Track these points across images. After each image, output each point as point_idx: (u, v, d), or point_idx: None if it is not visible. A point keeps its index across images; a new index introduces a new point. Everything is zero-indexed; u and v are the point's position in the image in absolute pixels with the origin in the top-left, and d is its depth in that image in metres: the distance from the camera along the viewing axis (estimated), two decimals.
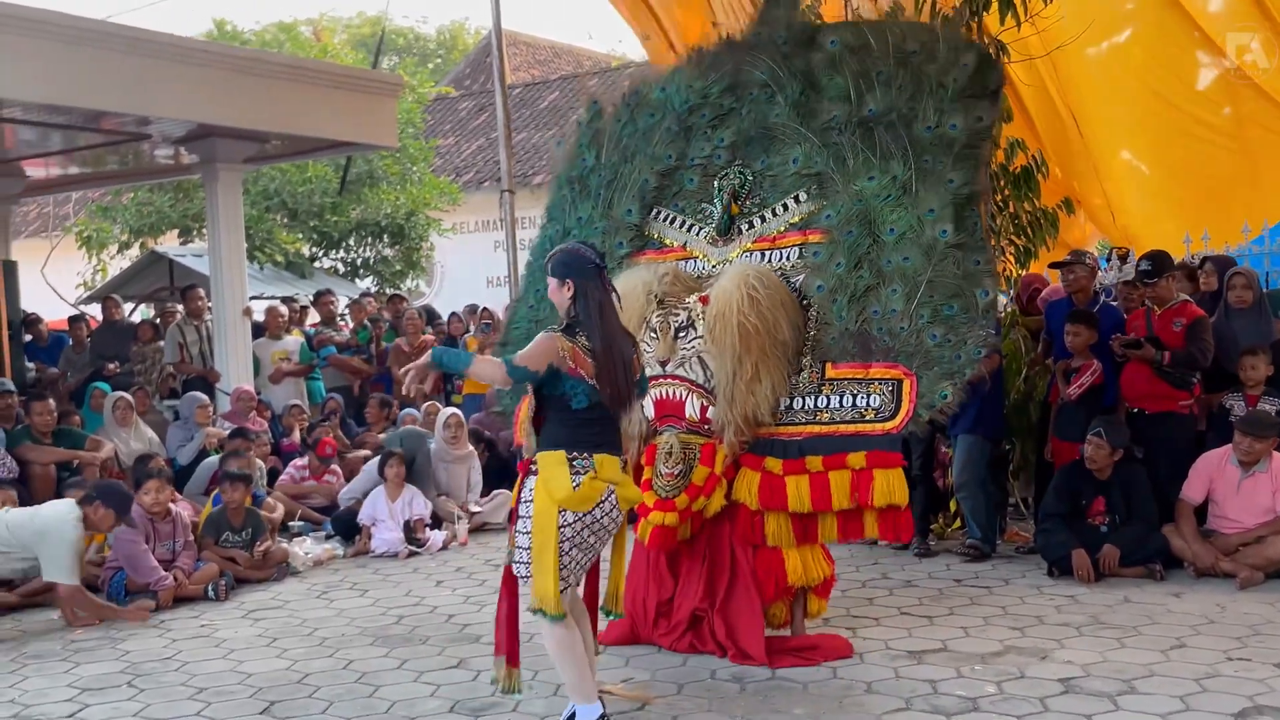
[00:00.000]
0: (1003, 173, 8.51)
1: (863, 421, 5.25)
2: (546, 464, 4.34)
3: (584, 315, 4.40)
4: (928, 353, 5.23)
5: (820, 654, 5.33)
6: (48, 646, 6.11)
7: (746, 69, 5.86)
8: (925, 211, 5.33)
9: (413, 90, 18.96)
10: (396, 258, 17.96)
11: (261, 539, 7.52)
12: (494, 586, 6.99)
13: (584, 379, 4.32)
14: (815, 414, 5.36)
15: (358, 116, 11.20)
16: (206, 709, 5.04)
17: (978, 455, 7.28)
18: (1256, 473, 6.65)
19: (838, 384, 5.35)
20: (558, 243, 6.00)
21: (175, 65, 9.65)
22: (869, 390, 5.28)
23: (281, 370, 11.00)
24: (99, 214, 17.13)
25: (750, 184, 5.81)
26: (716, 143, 5.91)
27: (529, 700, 4.93)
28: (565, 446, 4.34)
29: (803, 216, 5.65)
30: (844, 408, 5.32)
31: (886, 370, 5.28)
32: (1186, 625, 5.70)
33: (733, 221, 5.76)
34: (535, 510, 4.32)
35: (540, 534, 4.29)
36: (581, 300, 4.41)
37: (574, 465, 4.32)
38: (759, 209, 5.78)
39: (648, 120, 6.08)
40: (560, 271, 4.46)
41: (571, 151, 6.38)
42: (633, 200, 6.04)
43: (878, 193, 5.41)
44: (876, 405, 5.25)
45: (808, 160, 5.61)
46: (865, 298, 5.35)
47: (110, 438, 9.11)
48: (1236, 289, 7.45)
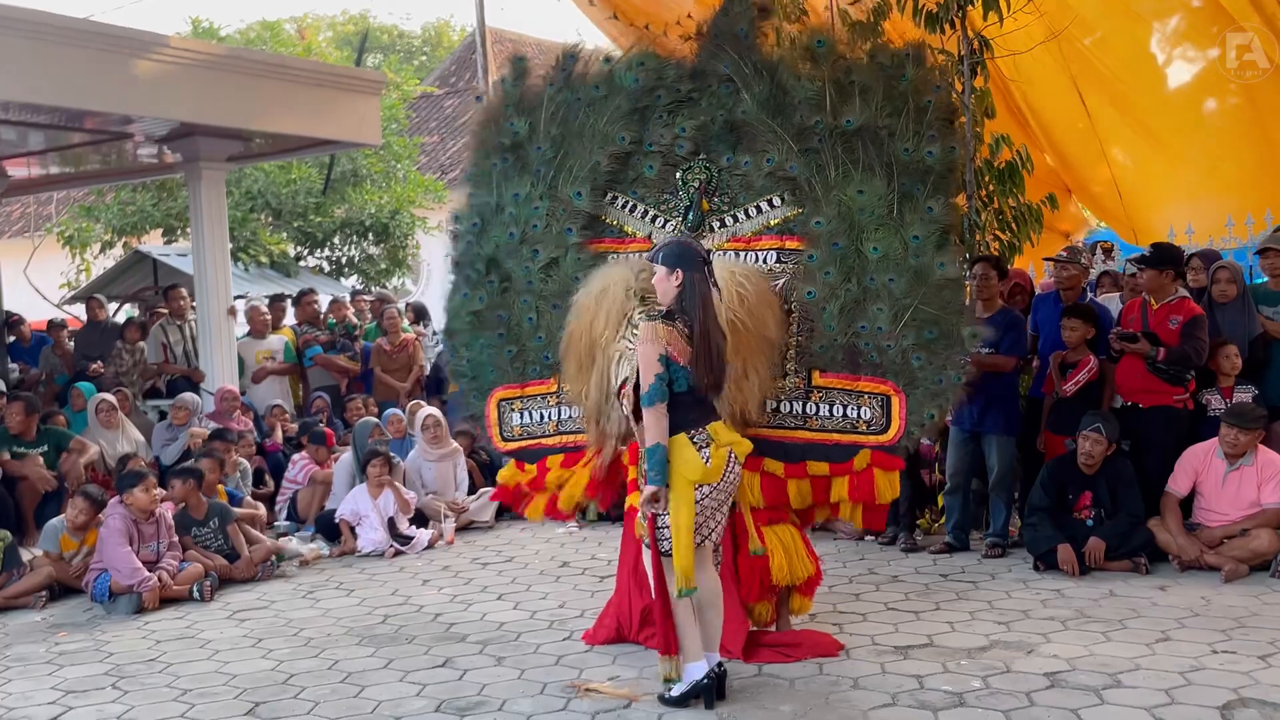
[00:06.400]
0: (987, 168, 8.55)
1: (855, 433, 5.36)
2: (674, 448, 4.57)
3: (689, 304, 4.67)
4: (912, 374, 5.33)
5: (803, 650, 5.33)
6: (31, 649, 6.07)
7: (708, 59, 5.66)
8: (911, 236, 5.33)
9: (397, 87, 18.90)
10: (382, 256, 17.91)
11: (230, 522, 7.50)
12: (481, 585, 7.06)
13: (680, 363, 4.58)
14: (805, 420, 5.42)
15: (341, 114, 11.15)
16: (191, 710, 5.02)
17: (1011, 455, 7.37)
18: (1242, 466, 6.68)
19: (827, 393, 5.42)
20: (489, 217, 5.93)
21: (157, 64, 9.59)
22: (859, 403, 5.38)
23: (265, 369, 10.97)
24: (82, 213, 17.02)
25: (716, 179, 5.70)
26: (678, 131, 5.70)
27: (515, 699, 4.92)
28: (682, 428, 4.59)
29: (779, 221, 5.61)
30: (834, 417, 5.39)
31: (876, 385, 5.36)
32: (1172, 618, 5.71)
33: (704, 218, 5.69)
34: (671, 494, 4.57)
35: (678, 516, 4.56)
36: (689, 290, 4.68)
37: (696, 442, 4.61)
38: (730, 208, 5.69)
39: (591, 93, 5.76)
40: (672, 262, 4.72)
41: (495, 114, 5.98)
42: (583, 183, 5.75)
43: (865, 208, 5.35)
44: (868, 418, 5.36)
45: (783, 163, 5.50)
46: (854, 311, 5.37)
47: (95, 439, 9.06)
48: (1220, 283, 7.47)
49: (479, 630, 6.06)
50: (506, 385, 5.96)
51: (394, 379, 11.00)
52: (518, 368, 5.92)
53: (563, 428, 5.84)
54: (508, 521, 9.04)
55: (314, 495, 8.97)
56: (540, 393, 5.87)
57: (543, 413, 5.89)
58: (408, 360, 11.16)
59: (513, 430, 5.99)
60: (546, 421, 5.89)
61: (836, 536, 7.73)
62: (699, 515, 4.63)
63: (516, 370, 5.93)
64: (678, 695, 4.69)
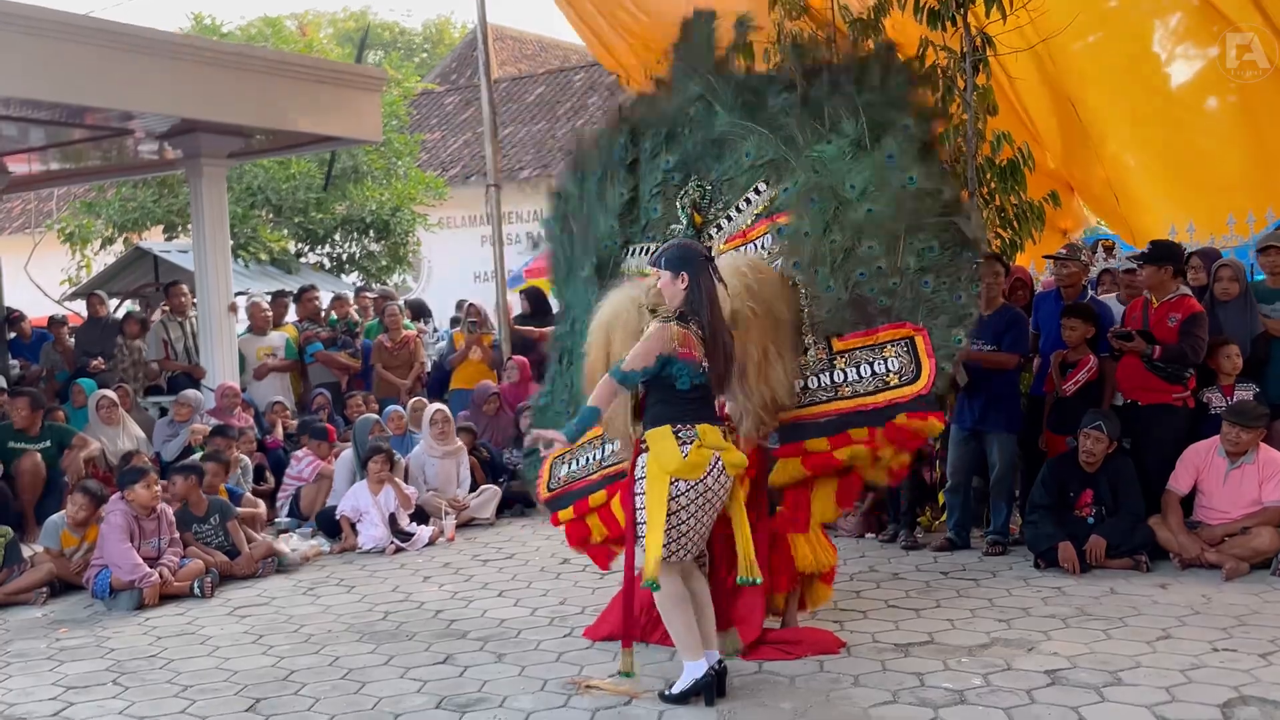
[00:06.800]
0: (989, 166, 8.54)
1: (889, 389, 5.27)
2: (654, 439, 4.66)
3: (697, 304, 4.71)
4: (928, 301, 5.28)
5: (804, 647, 5.32)
6: (32, 645, 6.07)
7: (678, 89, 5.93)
8: (885, 157, 5.36)
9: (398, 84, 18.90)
10: (382, 253, 17.92)
11: (231, 519, 7.50)
12: (482, 581, 7.06)
13: (693, 361, 4.63)
14: (836, 389, 5.37)
15: (342, 111, 11.16)
16: (192, 706, 5.02)
17: (1012, 453, 7.37)
18: (1244, 464, 6.67)
19: (849, 355, 5.37)
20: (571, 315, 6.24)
21: (158, 60, 9.59)
22: (883, 355, 5.32)
23: (267, 366, 10.97)
24: (83, 210, 17.04)
25: (709, 194, 5.82)
26: (664, 166, 5.93)
27: (516, 696, 4.92)
28: (669, 421, 4.65)
29: (766, 205, 5.67)
30: (864, 378, 5.34)
31: (895, 330, 5.31)
32: (1172, 616, 5.71)
33: (699, 232, 5.76)
34: (647, 484, 4.63)
35: (651, 506, 4.60)
36: (695, 290, 4.72)
37: (679, 436, 4.64)
38: (723, 212, 5.79)
39: (594, 180, 6.16)
40: (676, 265, 4.76)
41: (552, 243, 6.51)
42: (590, 257, 6.09)
43: (835, 156, 5.42)
44: (896, 369, 5.28)
45: (759, 151, 5.64)
46: (846, 263, 5.37)
47: (97, 436, 9.06)
48: (1223, 281, 7.46)
49: (480, 627, 6.06)
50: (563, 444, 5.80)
51: (395, 376, 11.00)
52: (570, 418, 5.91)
53: (605, 463, 5.81)
54: (508, 518, 9.05)
55: (318, 492, 8.97)
56: (588, 439, 5.79)
57: (587, 456, 5.90)
58: (409, 357, 11.17)
59: (559, 480, 5.99)
60: (590, 464, 5.89)
61: (837, 534, 7.73)
62: (675, 517, 4.61)
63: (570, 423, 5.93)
64: (678, 692, 4.69)
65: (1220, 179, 10.43)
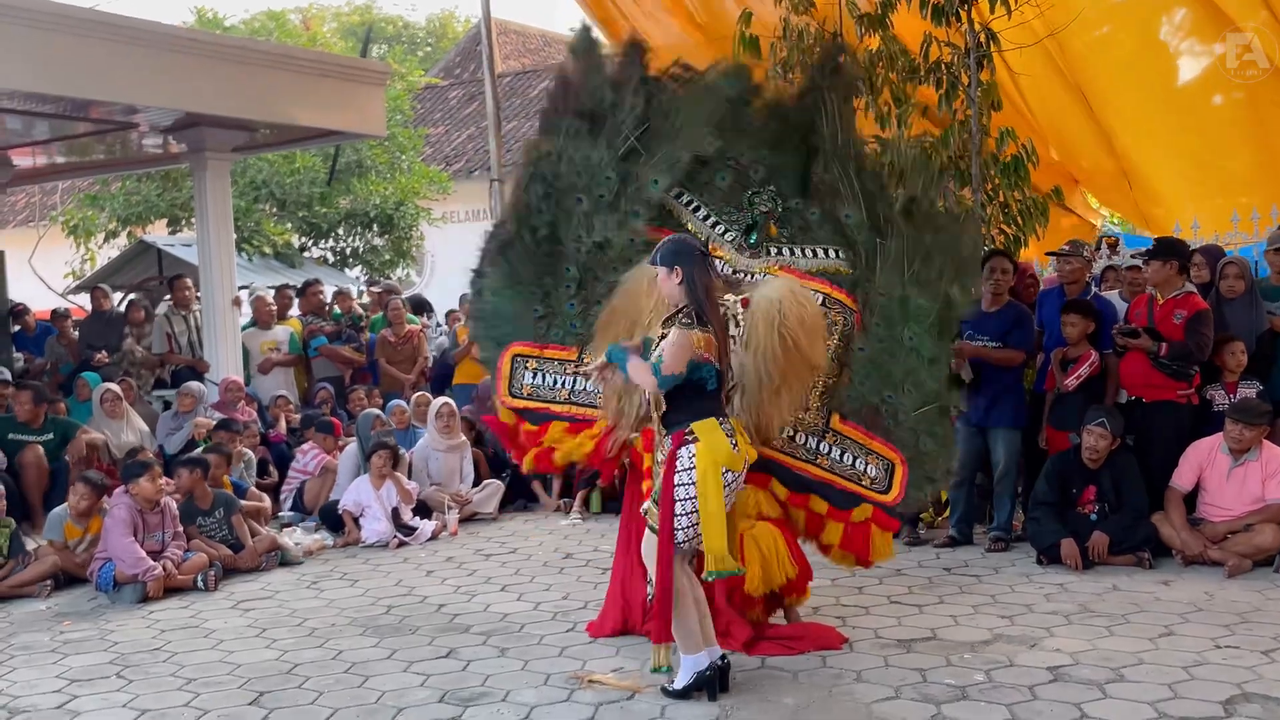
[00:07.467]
0: (993, 161, 8.53)
1: (860, 486, 5.55)
2: (705, 431, 4.62)
3: (693, 300, 4.66)
4: (919, 451, 5.53)
5: (806, 643, 5.33)
6: (36, 638, 6.09)
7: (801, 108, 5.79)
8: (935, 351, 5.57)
9: (402, 78, 18.89)
10: (386, 247, 17.92)
11: (235, 512, 7.51)
12: (485, 576, 7.06)
13: (711, 362, 4.63)
14: (816, 456, 5.57)
15: (345, 105, 11.14)
16: (196, 699, 5.03)
17: (1017, 449, 7.39)
18: (1247, 461, 6.67)
19: (841, 439, 5.58)
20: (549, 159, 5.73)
21: (163, 54, 9.58)
22: (868, 459, 5.56)
23: (271, 360, 10.97)
24: (87, 203, 17.04)
25: (779, 213, 5.74)
26: (758, 156, 5.77)
27: (519, 690, 4.93)
28: (710, 415, 4.66)
29: (832, 270, 5.68)
30: (844, 463, 5.57)
31: (887, 449, 5.55)
32: (1175, 613, 5.72)
33: (765, 241, 5.71)
34: (699, 475, 4.58)
35: (708, 497, 4.56)
36: (690, 286, 4.67)
37: (725, 430, 4.65)
38: (789, 242, 5.74)
39: (693, 92, 5.73)
40: (669, 260, 4.71)
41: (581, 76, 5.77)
42: (663, 173, 5.66)
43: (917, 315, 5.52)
44: (873, 475, 5.56)
45: (858, 226, 5.61)
46: (888, 382, 5.54)
47: (100, 429, 9.07)
48: (1229, 278, 7.45)
49: (482, 621, 6.06)
50: (523, 342, 5.81)
51: (399, 370, 11.01)
52: (540, 328, 5.79)
53: (574, 398, 5.74)
54: (511, 513, 9.05)
55: (322, 486, 8.97)
56: (558, 358, 5.75)
57: (557, 378, 5.78)
58: (412, 352, 11.17)
59: (523, 388, 5.84)
60: (559, 388, 5.77)
61: None
62: None
63: (539, 331, 5.79)
64: (681, 687, 4.70)
65: (1227, 175, 10.43)
